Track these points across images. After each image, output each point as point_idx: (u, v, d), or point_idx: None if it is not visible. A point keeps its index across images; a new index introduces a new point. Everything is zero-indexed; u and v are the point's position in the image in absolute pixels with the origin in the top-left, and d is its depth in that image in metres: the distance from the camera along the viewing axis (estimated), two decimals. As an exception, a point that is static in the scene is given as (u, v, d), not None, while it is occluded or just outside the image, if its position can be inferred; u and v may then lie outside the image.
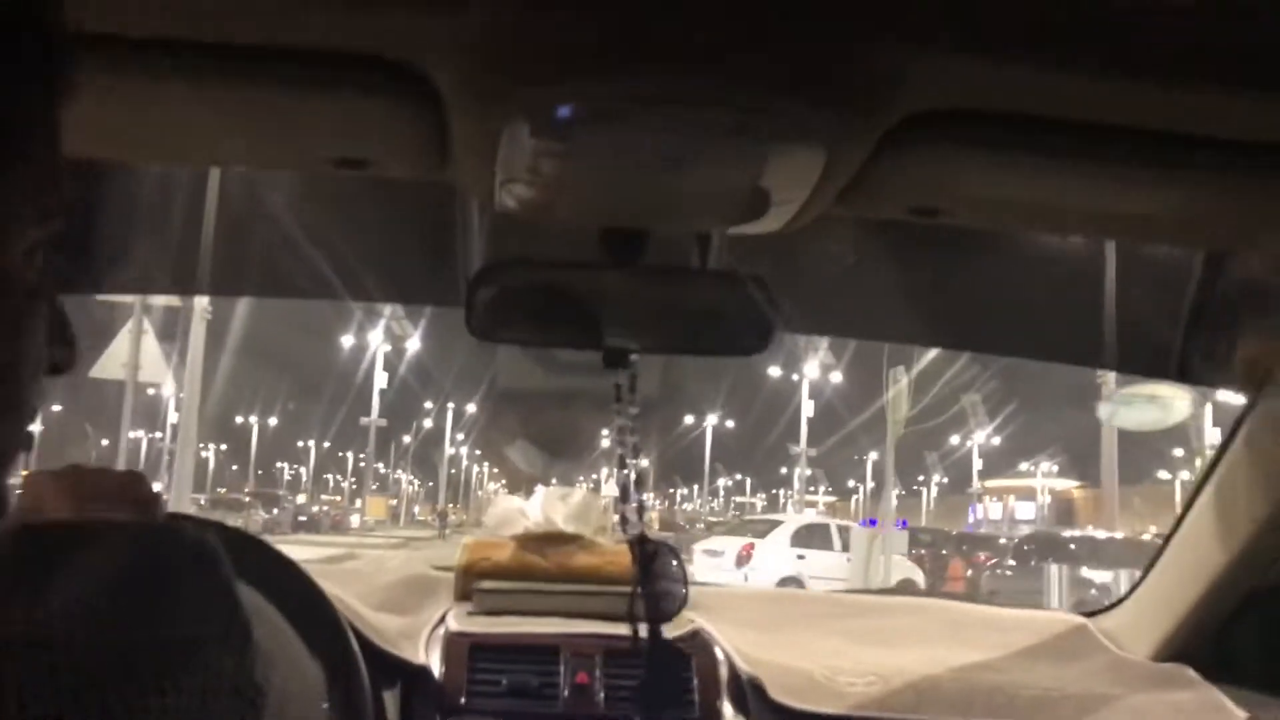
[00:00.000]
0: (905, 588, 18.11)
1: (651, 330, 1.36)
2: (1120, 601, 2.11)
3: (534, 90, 0.92)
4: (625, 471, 1.54)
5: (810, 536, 21.15)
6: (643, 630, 1.56)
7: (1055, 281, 1.67)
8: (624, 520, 1.59)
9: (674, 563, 1.65)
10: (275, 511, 38.21)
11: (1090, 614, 2.12)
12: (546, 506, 2.00)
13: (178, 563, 0.54)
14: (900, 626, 1.93)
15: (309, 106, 1.02)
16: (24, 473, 0.89)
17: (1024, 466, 47.86)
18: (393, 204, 1.56)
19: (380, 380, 40.58)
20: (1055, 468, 46.69)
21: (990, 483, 46.89)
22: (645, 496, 1.60)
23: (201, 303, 15.00)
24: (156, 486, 0.95)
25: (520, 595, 1.74)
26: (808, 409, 36.66)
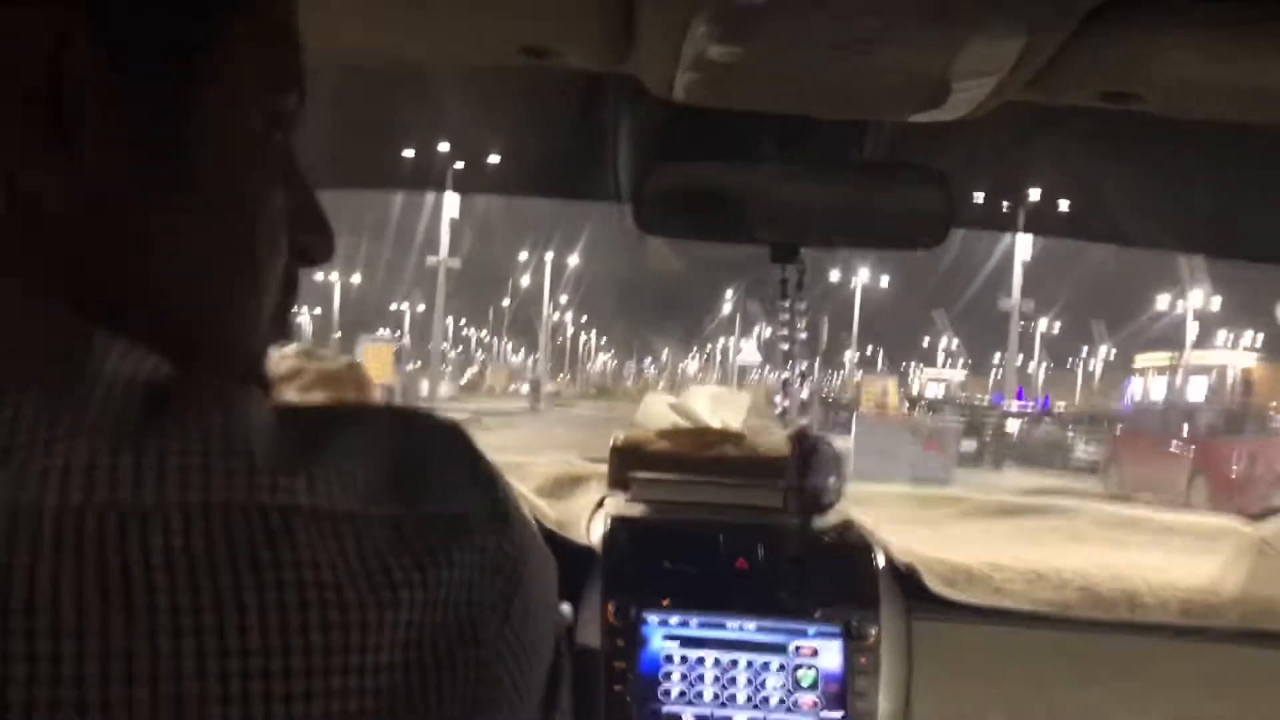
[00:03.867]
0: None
1: (821, 224, 1.36)
2: (1284, 507, 2.05)
3: None
4: (790, 369, 1.56)
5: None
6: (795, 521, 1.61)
7: (1235, 172, 1.60)
8: (784, 413, 1.62)
9: (831, 457, 1.69)
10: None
11: (1254, 517, 2.08)
12: (694, 403, 2.04)
13: (439, 445, 0.54)
14: (1056, 527, 1.92)
15: None
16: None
17: (1221, 340, 37.36)
18: (537, 96, 1.58)
19: (451, 206, 31.69)
20: (1259, 341, 36.18)
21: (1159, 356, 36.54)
22: (805, 392, 1.62)
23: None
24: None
25: (676, 485, 1.78)
26: (1023, 249, 28.27)
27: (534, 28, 1.10)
